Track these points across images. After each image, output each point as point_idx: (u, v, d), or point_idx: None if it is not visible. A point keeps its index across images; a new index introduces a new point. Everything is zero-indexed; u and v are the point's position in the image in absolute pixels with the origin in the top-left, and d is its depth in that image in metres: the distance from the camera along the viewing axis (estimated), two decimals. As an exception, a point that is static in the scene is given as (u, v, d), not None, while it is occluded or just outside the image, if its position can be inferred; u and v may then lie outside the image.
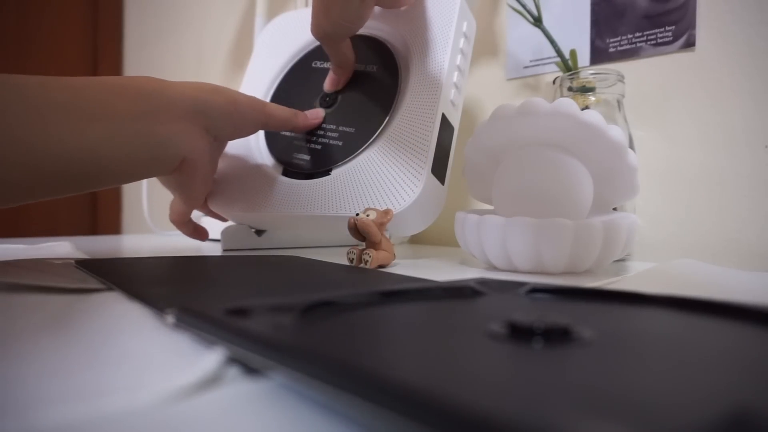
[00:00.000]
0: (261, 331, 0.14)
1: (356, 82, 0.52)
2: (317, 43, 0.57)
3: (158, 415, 0.11)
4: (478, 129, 0.42)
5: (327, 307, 0.18)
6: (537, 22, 0.57)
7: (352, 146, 0.48)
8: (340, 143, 0.49)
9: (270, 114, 0.48)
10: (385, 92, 0.49)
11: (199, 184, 0.47)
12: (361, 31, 0.54)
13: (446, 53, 0.47)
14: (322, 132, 0.51)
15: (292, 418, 0.12)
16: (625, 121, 0.50)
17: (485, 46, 0.67)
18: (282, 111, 0.50)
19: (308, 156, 0.50)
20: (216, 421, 0.11)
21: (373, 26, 0.54)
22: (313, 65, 0.57)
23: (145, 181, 0.76)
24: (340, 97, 0.52)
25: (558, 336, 0.14)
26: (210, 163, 0.47)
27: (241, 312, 0.16)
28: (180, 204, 0.50)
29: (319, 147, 0.50)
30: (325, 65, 0.55)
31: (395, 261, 0.42)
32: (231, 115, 0.45)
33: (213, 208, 0.55)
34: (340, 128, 0.50)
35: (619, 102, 0.49)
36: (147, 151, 0.40)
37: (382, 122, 0.48)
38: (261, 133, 0.56)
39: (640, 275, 0.35)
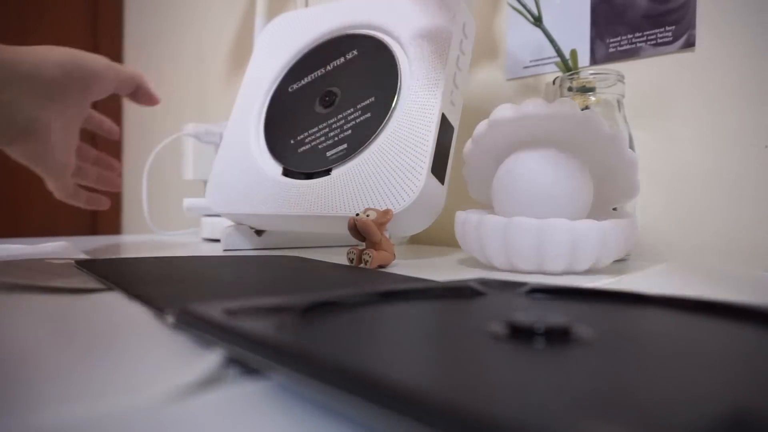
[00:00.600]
0: (261, 332, 0.14)
1: (355, 82, 0.52)
2: (316, 43, 0.57)
3: (158, 415, 0.11)
4: (478, 129, 0.42)
5: (327, 307, 0.18)
6: (537, 21, 0.57)
7: (382, 111, 0.48)
8: (369, 114, 0.49)
9: (118, 69, 0.46)
10: (384, 92, 0.49)
11: (54, 154, 0.43)
12: (361, 31, 0.54)
13: (446, 53, 0.47)
14: (342, 121, 0.51)
15: (292, 418, 0.12)
16: (625, 121, 0.50)
17: (485, 46, 0.67)
18: (128, 68, 0.48)
19: (345, 144, 0.50)
20: (216, 421, 0.11)
21: (373, 26, 0.54)
22: (289, 90, 0.57)
23: (145, 182, 0.76)
24: (339, 97, 0.52)
25: (558, 336, 0.14)
26: (62, 129, 0.43)
27: (241, 312, 0.16)
28: (49, 181, 0.47)
29: (349, 132, 0.50)
30: (303, 82, 0.56)
31: (395, 261, 0.42)
32: (71, 74, 0.42)
33: (214, 208, 0.55)
34: (359, 105, 0.50)
35: (619, 102, 0.49)
36: None
37: (382, 122, 0.48)
38: (261, 133, 0.56)
39: (640, 275, 0.35)
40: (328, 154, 0.50)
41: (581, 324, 0.15)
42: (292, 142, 0.53)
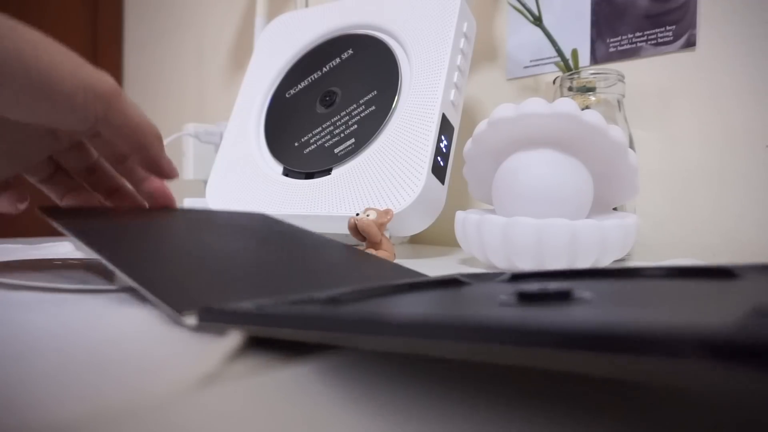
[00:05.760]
0: (311, 311, 0.15)
1: (355, 79, 0.52)
2: (316, 43, 0.57)
3: (159, 415, 0.11)
4: (479, 128, 0.42)
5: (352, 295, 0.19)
6: (537, 21, 0.57)
7: (386, 104, 0.48)
8: (373, 107, 0.49)
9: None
10: (385, 92, 0.49)
11: None
12: (362, 31, 0.54)
13: (446, 53, 0.47)
14: (347, 117, 0.51)
15: (298, 413, 0.12)
16: (625, 121, 0.50)
17: (485, 46, 0.67)
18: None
19: (352, 139, 0.49)
20: (221, 418, 0.11)
21: (373, 26, 0.54)
22: (287, 95, 0.57)
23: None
24: (339, 96, 0.52)
25: (561, 297, 0.15)
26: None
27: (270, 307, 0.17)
28: None
29: (355, 126, 0.50)
30: (301, 86, 0.56)
31: (395, 261, 0.42)
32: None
33: (214, 208, 0.55)
34: (362, 100, 0.50)
35: (619, 102, 0.49)
36: None
37: (383, 122, 0.48)
38: (261, 133, 0.56)
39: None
40: (336, 150, 0.50)
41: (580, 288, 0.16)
42: (296, 144, 0.53)
